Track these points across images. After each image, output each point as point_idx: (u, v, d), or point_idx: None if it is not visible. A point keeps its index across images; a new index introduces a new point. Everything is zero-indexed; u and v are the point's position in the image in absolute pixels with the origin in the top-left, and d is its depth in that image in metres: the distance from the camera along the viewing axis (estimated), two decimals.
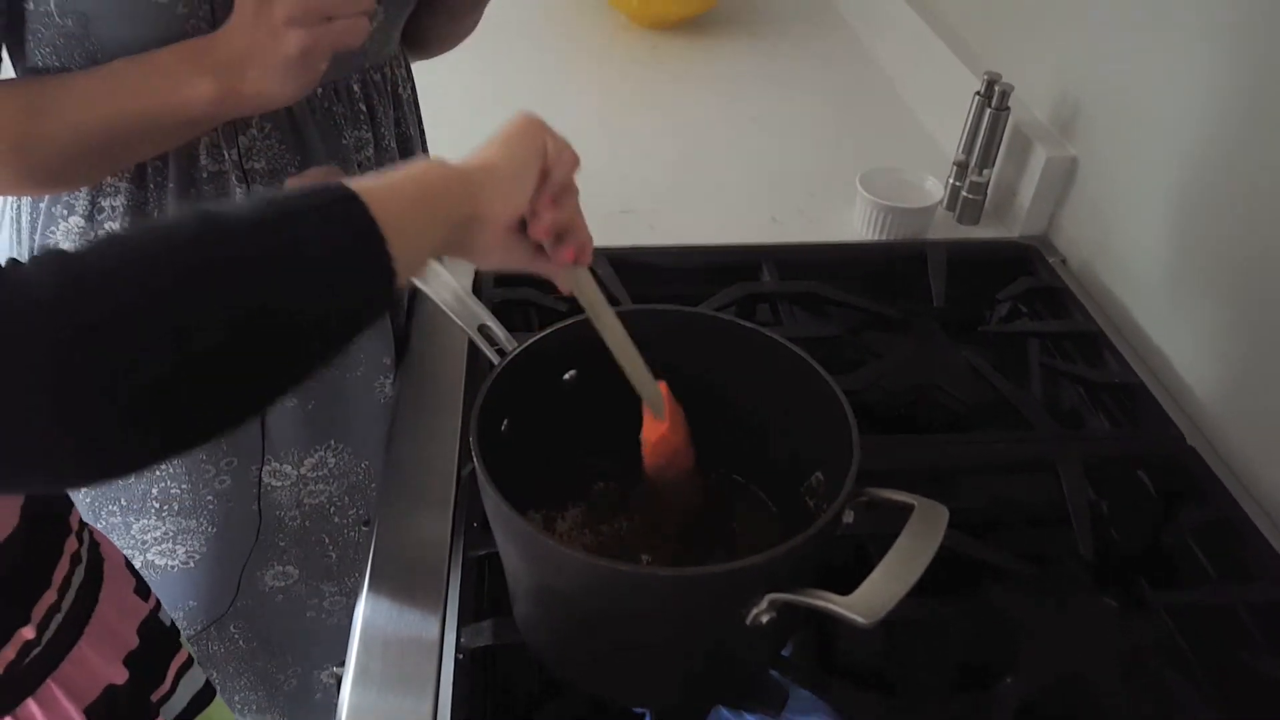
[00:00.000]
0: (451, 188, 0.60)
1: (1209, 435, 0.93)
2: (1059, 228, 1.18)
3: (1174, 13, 0.98)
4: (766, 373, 0.75)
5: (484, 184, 0.61)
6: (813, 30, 1.81)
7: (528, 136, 0.64)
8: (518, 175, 0.63)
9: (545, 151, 0.65)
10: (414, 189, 0.57)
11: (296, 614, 1.14)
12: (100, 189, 0.86)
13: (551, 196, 0.65)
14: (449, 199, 0.60)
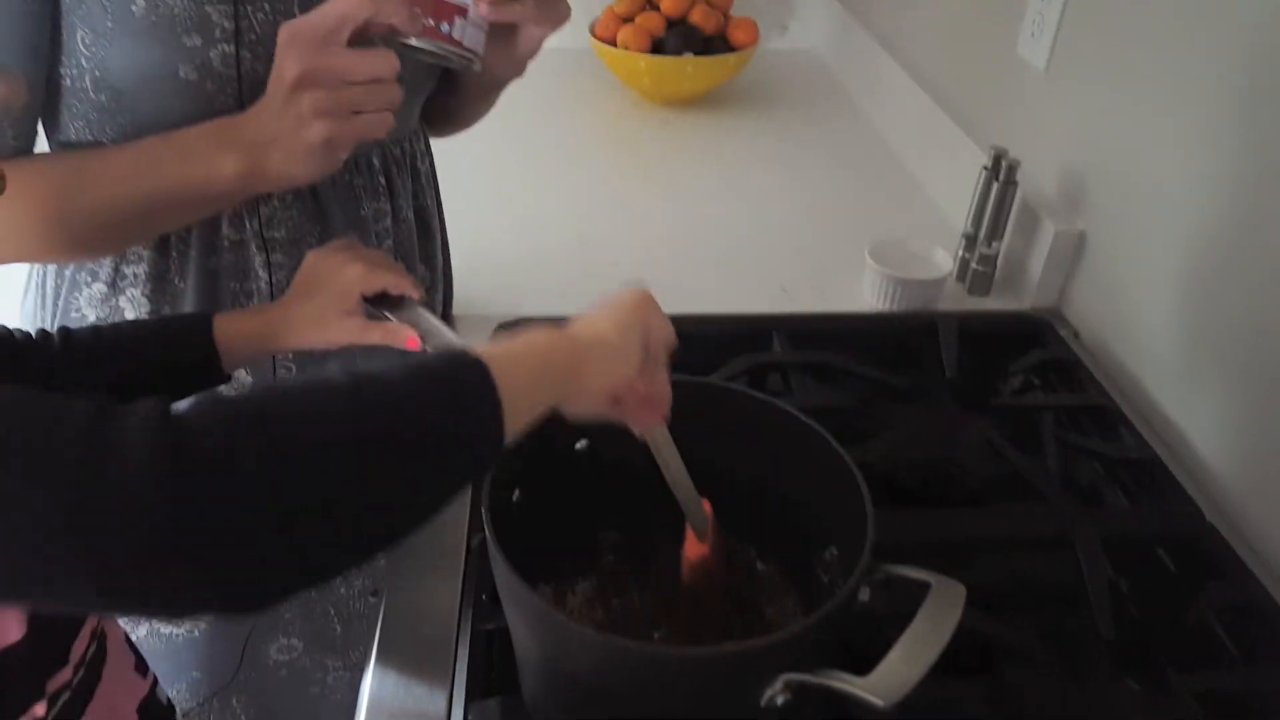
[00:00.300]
0: (564, 359, 0.62)
1: (1227, 512, 0.91)
2: (1070, 300, 1.18)
3: (1179, 87, 0.99)
4: (778, 444, 0.74)
5: (594, 358, 0.64)
6: (821, 106, 1.84)
7: (637, 313, 0.67)
8: (624, 351, 0.65)
9: (650, 327, 0.67)
10: (534, 362, 0.60)
11: (300, 689, 1.12)
12: (124, 257, 0.88)
13: (646, 370, 0.67)
14: (562, 371, 0.62)
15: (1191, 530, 0.86)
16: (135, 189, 0.79)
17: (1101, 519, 0.87)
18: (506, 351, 0.59)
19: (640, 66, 1.72)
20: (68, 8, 0.76)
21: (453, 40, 0.76)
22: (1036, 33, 1.24)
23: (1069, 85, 1.19)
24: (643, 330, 0.66)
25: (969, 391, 1.04)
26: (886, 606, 0.65)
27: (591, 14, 1.86)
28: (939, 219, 1.43)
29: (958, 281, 1.26)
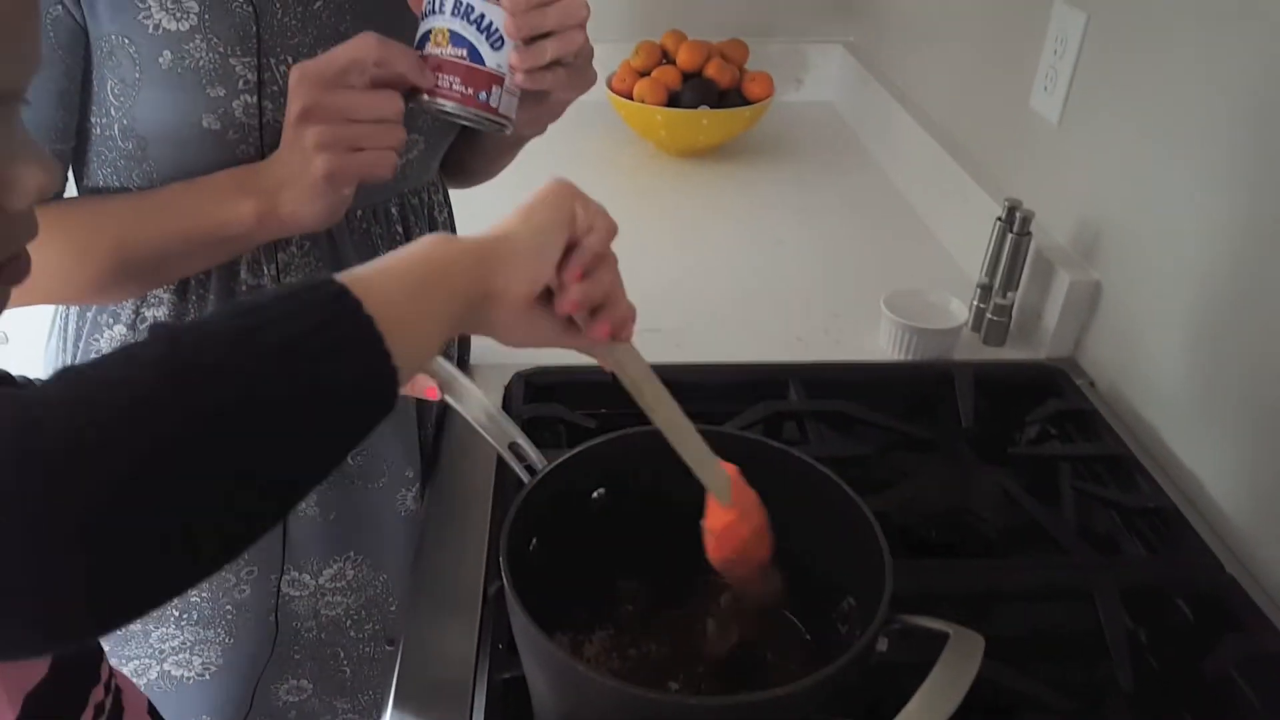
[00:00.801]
0: (460, 265, 0.55)
1: (1246, 562, 0.91)
2: (1085, 350, 1.19)
3: (1191, 140, 1.00)
4: (795, 494, 0.74)
5: (498, 258, 0.57)
6: (836, 158, 1.86)
7: (553, 203, 0.60)
8: (538, 247, 0.58)
9: (573, 219, 0.60)
10: (418, 273, 0.53)
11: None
12: (144, 300, 0.89)
13: (580, 267, 0.60)
14: (457, 278, 0.55)
15: (1210, 580, 0.85)
16: (156, 231, 0.81)
17: (1119, 569, 0.87)
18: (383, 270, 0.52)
19: (657, 119, 1.75)
20: (99, 59, 0.79)
21: (489, 108, 0.77)
22: (1050, 86, 1.26)
23: (1082, 138, 1.20)
24: (562, 222, 0.59)
25: (985, 441, 1.04)
26: (904, 657, 0.65)
27: (608, 68, 1.89)
28: (954, 269, 1.44)
29: (973, 331, 1.26)
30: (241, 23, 0.79)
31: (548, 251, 0.58)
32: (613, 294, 0.62)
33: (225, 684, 1.05)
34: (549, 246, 0.58)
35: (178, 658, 1.03)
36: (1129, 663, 0.77)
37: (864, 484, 0.73)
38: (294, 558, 1.00)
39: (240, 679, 1.05)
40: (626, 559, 0.78)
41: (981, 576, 0.86)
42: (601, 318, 0.62)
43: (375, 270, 0.51)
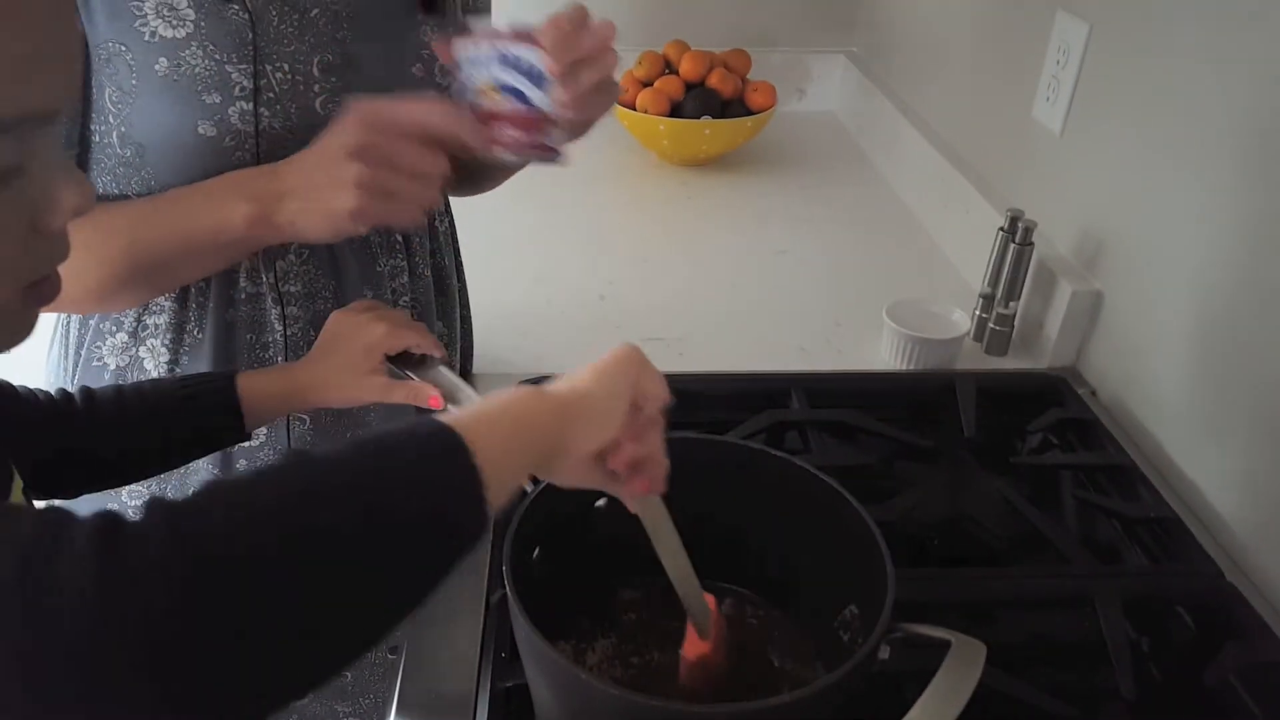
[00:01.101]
0: (545, 420, 0.59)
1: (1247, 570, 0.91)
2: (1087, 359, 1.19)
3: (1193, 149, 1.00)
4: (798, 502, 0.75)
5: (576, 417, 0.61)
6: (838, 168, 1.86)
7: (623, 369, 0.64)
8: (609, 409, 0.62)
9: (639, 385, 0.64)
10: (509, 423, 0.56)
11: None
12: (146, 308, 0.90)
13: (636, 431, 0.64)
14: (541, 431, 0.59)
15: (1211, 589, 0.85)
16: (160, 234, 0.81)
17: (1121, 578, 0.87)
18: (482, 417, 0.55)
19: (659, 129, 1.76)
20: (96, 67, 0.79)
21: (545, 147, 0.79)
22: (1052, 97, 1.26)
23: (1085, 148, 1.21)
24: (630, 387, 0.63)
25: (987, 450, 1.05)
26: (906, 665, 0.65)
27: None
28: (956, 279, 1.44)
29: (975, 341, 1.26)
30: (237, 30, 0.79)
31: (616, 415, 0.62)
32: (655, 455, 0.66)
33: None
34: (618, 411, 0.62)
35: None
36: (1130, 671, 0.77)
37: (866, 493, 0.73)
38: None
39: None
40: (629, 568, 0.78)
41: (984, 585, 0.86)
42: (642, 474, 0.66)
43: (477, 420, 0.54)
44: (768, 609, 0.80)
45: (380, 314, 0.85)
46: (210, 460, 0.92)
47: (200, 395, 0.80)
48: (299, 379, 0.83)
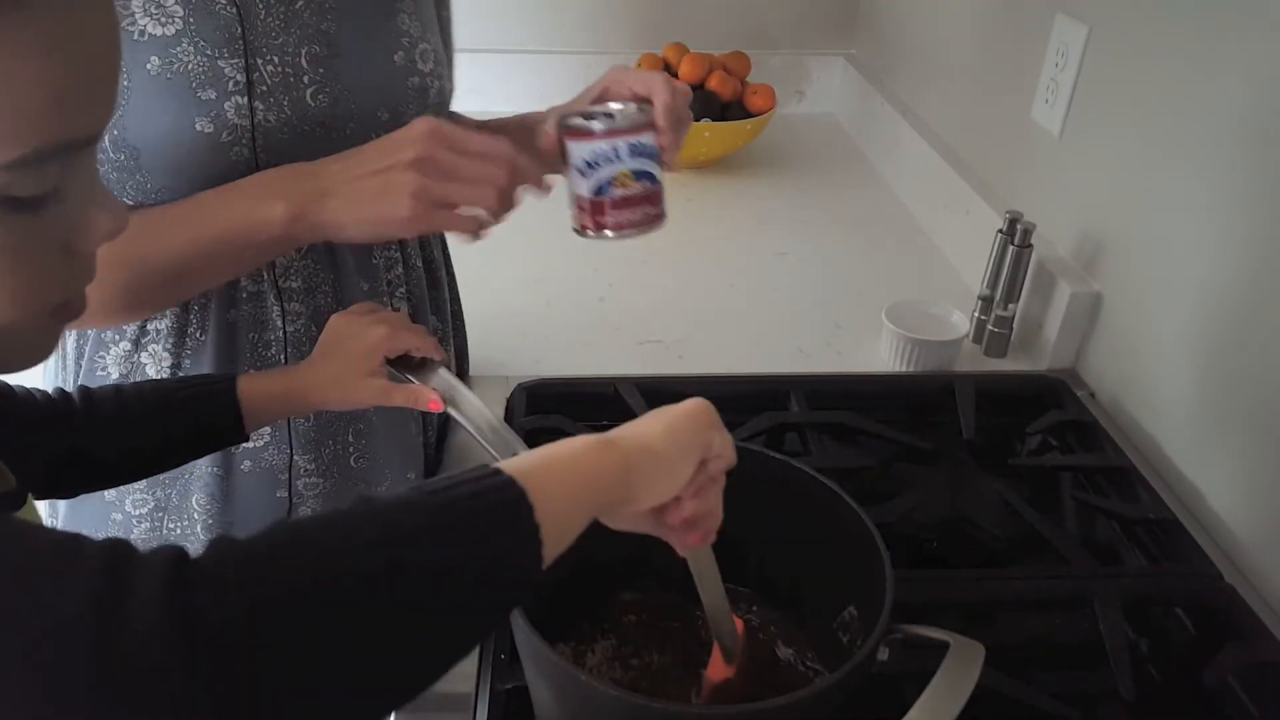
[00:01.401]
0: (611, 475, 0.58)
1: (1246, 571, 0.91)
2: (1086, 361, 1.19)
3: (1192, 151, 1.00)
4: (797, 504, 0.75)
5: (642, 472, 0.59)
6: (837, 170, 1.87)
7: (697, 428, 0.63)
8: (676, 467, 0.61)
9: (709, 446, 0.63)
10: (574, 477, 0.56)
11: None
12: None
13: (697, 487, 0.63)
14: (607, 484, 0.58)
15: (1210, 590, 0.86)
16: (178, 241, 0.81)
17: (1120, 579, 0.87)
18: (547, 467, 0.54)
19: None
20: None
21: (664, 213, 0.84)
22: (1051, 99, 1.26)
23: (1083, 150, 1.21)
24: (702, 448, 0.63)
25: (986, 452, 1.05)
26: (905, 666, 0.65)
27: None
28: (955, 281, 1.44)
29: (974, 343, 1.27)
30: (226, 24, 0.80)
31: (683, 473, 0.62)
32: (713, 510, 0.66)
33: None
34: (685, 468, 0.62)
35: None
36: (1129, 672, 0.78)
37: (866, 495, 0.73)
38: None
39: None
40: (628, 570, 0.78)
41: (983, 586, 0.87)
42: (696, 528, 0.66)
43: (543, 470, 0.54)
44: (767, 610, 0.80)
45: (380, 316, 0.85)
46: (212, 459, 0.92)
47: (200, 396, 0.80)
48: (299, 381, 0.84)
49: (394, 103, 0.89)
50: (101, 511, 0.95)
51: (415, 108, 0.91)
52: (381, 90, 0.89)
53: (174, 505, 0.96)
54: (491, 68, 2.03)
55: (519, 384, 1.09)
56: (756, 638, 0.78)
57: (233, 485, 0.96)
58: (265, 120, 0.82)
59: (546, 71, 2.05)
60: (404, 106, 0.90)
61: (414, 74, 0.91)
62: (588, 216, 0.82)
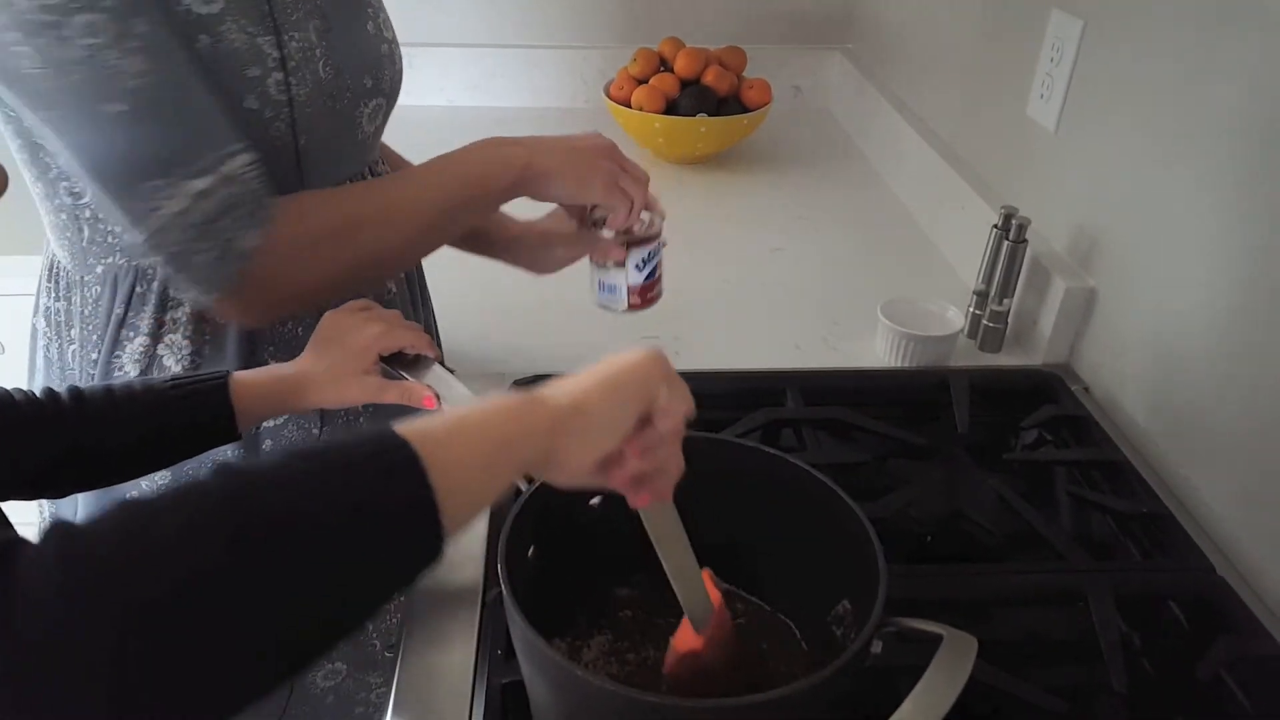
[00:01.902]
0: (533, 438, 0.55)
1: (1238, 565, 0.92)
2: (1081, 356, 1.19)
3: (1187, 146, 1.01)
4: (792, 499, 0.75)
5: (571, 432, 0.57)
6: (833, 165, 1.87)
7: (638, 382, 0.60)
8: (612, 423, 0.58)
9: (655, 400, 0.60)
10: (491, 437, 0.53)
11: (346, 712, 1.13)
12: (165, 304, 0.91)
13: (643, 445, 0.61)
14: (528, 445, 0.55)
15: (1203, 584, 0.86)
16: (433, 198, 0.90)
17: (1113, 573, 0.88)
18: (458, 429, 0.52)
19: (654, 127, 1.76)
20: None
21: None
22: (1046, 95, 1.27)
23: (1079, 145, 1.21)
24: (643, 400, 0.59)
25: (981, 447, 1.05)
26: (898, 661, 0.66)
27: (606, 75, 1.90)
28: (951, 276, 1.45)
29: (969, 338, 1.27)
30: (256, 3, 0.82)
31: (620, 428, 0.59)
32: (665, 465, 0.63)
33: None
34: (623, 423, 0.59)
35: None
36: (1122, 666, 0.78)
37: (861, 490, 0.73)
38: None
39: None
40: (624, 566, 0.79)
41: (977, 581, 0.87)
42: (645, 488, 0.63)
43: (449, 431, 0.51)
44: (761, 604, 0.80)
45: (374, 314, 0.85)
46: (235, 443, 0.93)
47: (192, 394, 0.80)
48: (292, 378, 0.84)
49: (375, 70, 0.94)
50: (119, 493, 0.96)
51: (389, 73, 0.97)
52: (364, 58, 0.93)
53: None
54: (484, 63, 2.03)
55: (514, 381, 1.09)
56: (734, 608, 0.78)
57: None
58: (298, 95, 0.84)
59: (540, 67, 2.05)
60: (380, 73, 0.95)
61: (384, 41, 0.97)
62: (637, 296, 1.04)
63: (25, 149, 0.85)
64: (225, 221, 0.78)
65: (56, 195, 0.87)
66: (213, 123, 0.78)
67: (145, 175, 0.75)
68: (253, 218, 0.79)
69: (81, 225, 0.88)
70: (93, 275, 0.91)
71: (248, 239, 0.79)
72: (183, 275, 0.79)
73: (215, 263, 0.78)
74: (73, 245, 0.91)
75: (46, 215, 0.91)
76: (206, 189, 0.76)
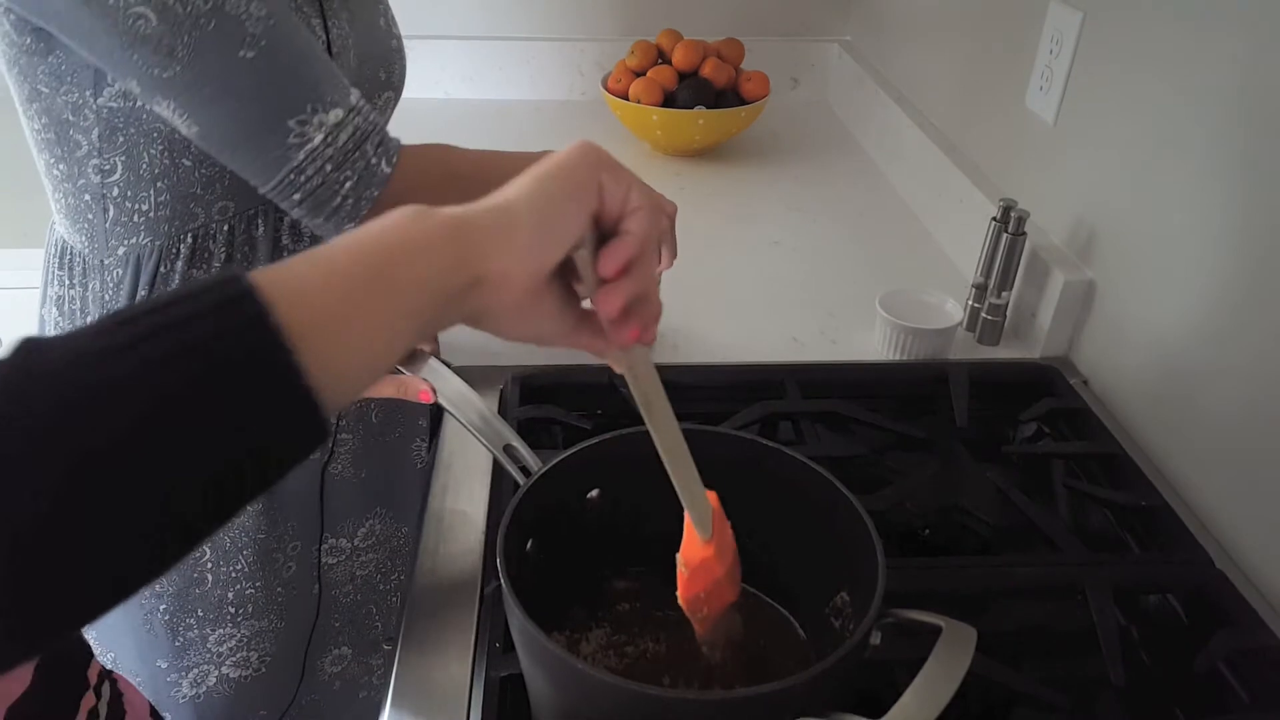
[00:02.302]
0: (433, 248, 0.43)
1: (1236, 558, 0.92)
2: (1079, 349, 1.19)
3: (1187, 138, 1.01)
4: (790, 492, 0.75)
5: (490, 235, 0.45)
6: (832, 158, 1.87)
7: (571, 170, 0.48)
8: (545, 221, 0.47)
9: (598, 191, 0.49)
10: (370, 261, 0.42)
11: (351, 697, 1.14)
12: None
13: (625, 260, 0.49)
14: (426, 264, 0.43)
15: (1201, 577, 0.86)
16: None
17: (1112, 566, 0.88)
18: (313, 258, 0.41)
19: (652, 119, 1.75)
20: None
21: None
22: (1045, 86, 1.26)
23: (1078, 137, 1.21)
24: (582, 190, 0.48)
25: (979, 440, 1.05)
26: (896, 655, 0.66)
27: (604, 67, 1.90)
28: (949, 269, 1.44)
29: (968, 331, 1.27)
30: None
31: (559, 227, 0.47)
32: (649, 292, 0.52)
33: (276, 672, 1.07)
34: (561, 220, 0.47)
35: (235, 658, 1.05)
36: (1120, 658, 0.78)
37: (859, 483, 0.73)
38: (331, 525, 1.03)
39: (291, 662, 1.08)
40: (622, 559, 0.79)
41: (975, 574, 0.87)
42: (632, 320, 0.52)
43: (310, 262, 0.41)
44: (759, 594, 0.80)
45: None
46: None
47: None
48: None
49: (387, 64, 0.97)
50: None
51: (398, 68, 0.99)
52: (379, 52, 0.95)
53: None
54: (482, 54, 2.02)
55: (513, 374, 1.09)
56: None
57: None
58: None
59: (537, 59, 2.05)
60: (392, 67, 0.98)
61: (393, 36, 0.99)
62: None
63: (52, 128, 0.85)
64: (365, 148, 0.82)
65: (82, 175, 0.87)
66: (324, 60, 0.82)
67: (283, 114, 0.78)
68: (385, 145, 0.83)
69: (107, 205, 0.89)
70: (114, 258, 0.91)
71: (383, 165, 0.83)
72: (325, 207, 0.82)
73: (354, 190, 0.82)
74: (93, 228, 0.91)
75: (65, 198, 0.91)
76: (340, 121, 0.80)
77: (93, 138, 0.84)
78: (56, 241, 0.95)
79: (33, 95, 0.83)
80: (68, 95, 0.82)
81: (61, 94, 0.81)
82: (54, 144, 0.86)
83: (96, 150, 0.85)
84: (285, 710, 1.11)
